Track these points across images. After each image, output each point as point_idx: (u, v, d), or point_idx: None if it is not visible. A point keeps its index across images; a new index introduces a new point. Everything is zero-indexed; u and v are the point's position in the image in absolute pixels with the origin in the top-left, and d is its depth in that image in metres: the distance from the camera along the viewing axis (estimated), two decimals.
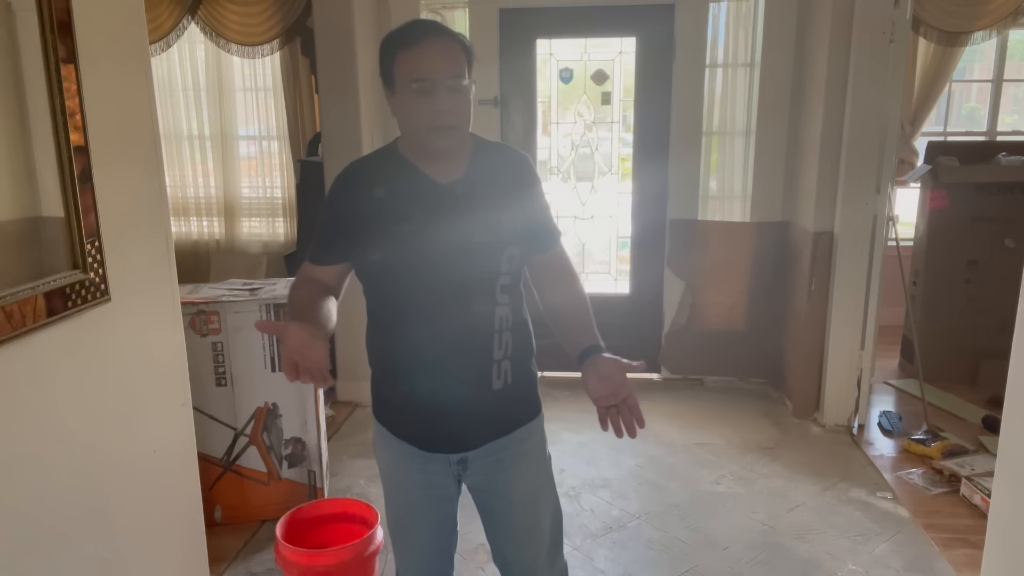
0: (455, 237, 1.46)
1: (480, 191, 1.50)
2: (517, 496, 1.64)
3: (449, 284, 1.46)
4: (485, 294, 1.49)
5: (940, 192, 4.15)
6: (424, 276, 1.45)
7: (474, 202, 1.49)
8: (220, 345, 2.68)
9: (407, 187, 1.47)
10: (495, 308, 1.50)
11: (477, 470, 1.59)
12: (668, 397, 4.04)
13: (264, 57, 4.38)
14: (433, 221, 1.45)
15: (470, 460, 1.58)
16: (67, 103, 1.55)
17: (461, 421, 1.54)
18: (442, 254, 1.45)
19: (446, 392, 1.50)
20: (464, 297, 1.48)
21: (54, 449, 1.56)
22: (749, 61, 3.99)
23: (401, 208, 1.46)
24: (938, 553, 2.63)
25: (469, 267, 1.48)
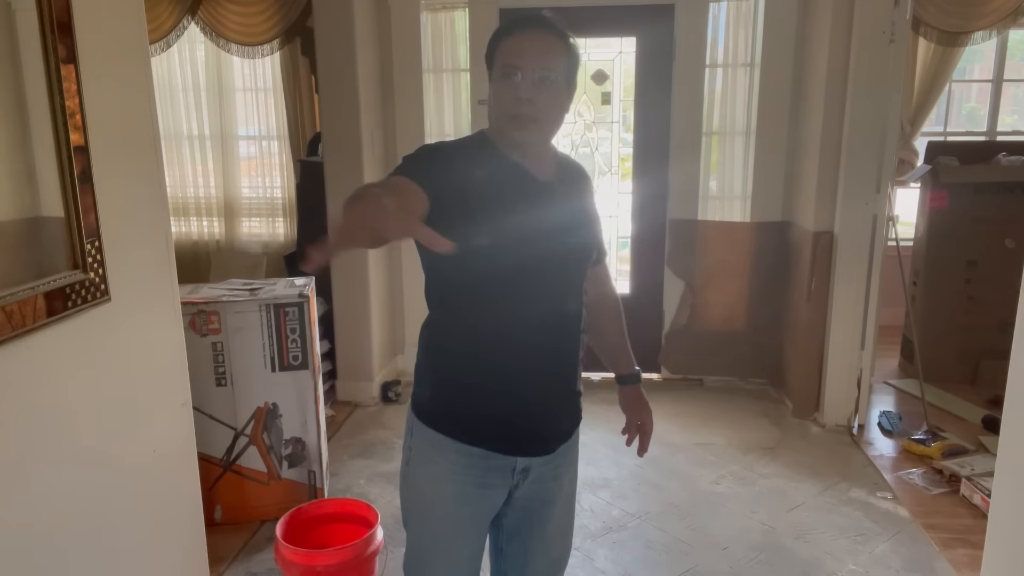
0: (559, 235, 1.46)
1: (571, 194, 1.53)
2: (562, 501, 1.62)
3: (550, 280, 1.46)
4: (576, 293, 1.51)
5: (940, 192, 4.15)
6: (527, 270, 1.41)
7: (570, 204, 1.51)
8: (220, 345, 2.68)
9: (508, 177, 1.42)
10: (581, 308, 1.52)
11: (536, 478, 1.53)
12: (668, 397, 4.04)
13: (264, 57, 4.38)
14: (539, 216, 1.43)
15: (533, 467, 1.51)
16: (67, 103, 1.55)
17: (549, 420, 1.52)
18: (545, 250, 1.43)
19: (541, 390, 1.48)
20: (562, 294, 1.48)
21: (54, 449, 1.56)
22: (749, 61, 3.99)
23: (507, 197, 1.40)
24: (938, 553, 2.63)
25: (567, 266, 1.49)
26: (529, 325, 1.45)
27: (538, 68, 1.36)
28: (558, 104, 1.42)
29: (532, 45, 1.38)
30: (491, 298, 1.42)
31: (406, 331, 4.42)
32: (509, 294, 1.42)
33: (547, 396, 1.50)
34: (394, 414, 3.90)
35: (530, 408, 1.48)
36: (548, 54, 1.38)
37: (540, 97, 1.37)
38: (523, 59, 1.36)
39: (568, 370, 1.52)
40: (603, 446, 3.47)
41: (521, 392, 1.46)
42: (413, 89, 4.10)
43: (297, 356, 2.75)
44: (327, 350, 3.90)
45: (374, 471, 3.27)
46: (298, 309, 2.72)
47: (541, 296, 1.45)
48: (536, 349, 1.46)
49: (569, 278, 1.50)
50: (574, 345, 1.52)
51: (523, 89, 1.37)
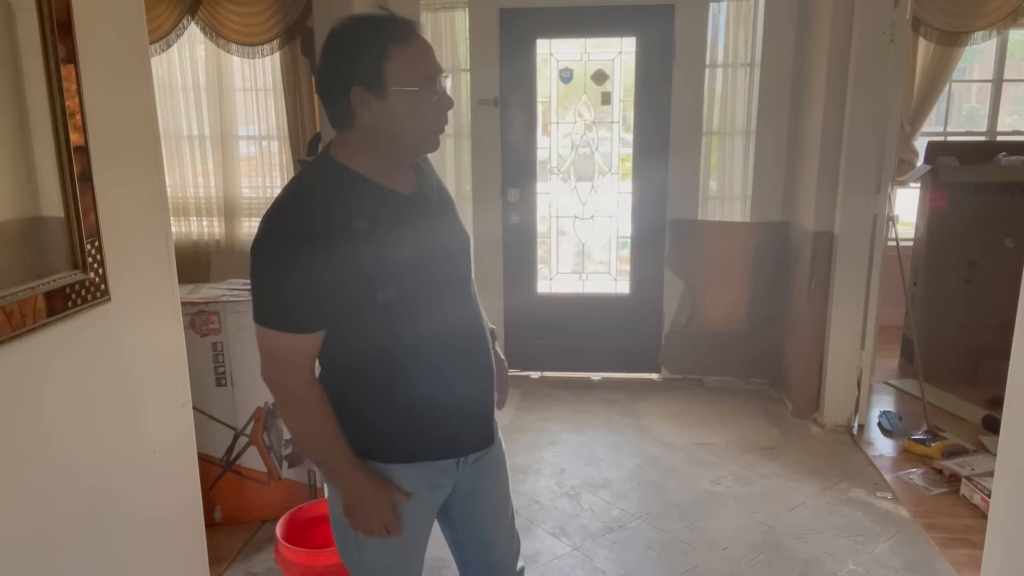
0: (444, 242, 1.44)
1: (432, 195, 1.46)
2: (499, 464, 1.64)
3: (454, 286, 1.46)
4: (471, 283, 1.52)
5: (940, 192, 4.15)
6: (433, 287, 1.40)
7: (439, 206, 1.47)
8: (220, 345, 2.68)
9: (383, 209, 1.33)
10: (474, 295, 1.53)
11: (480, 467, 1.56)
12: (668, 397, 4.04)
13: (264, 57, 4.38)
14: (422, 233, 1.38)
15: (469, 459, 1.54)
16: (67, 103, 1.55)
17: (485, 413, 1.54)
18: (438, 261, 1.42)
19: (474, 387, 1.49)
20: (465, 294, 1.49)
21: (54, 449, 1.56)
22: (749, 61, 3.99)
23: (391, 234, 1.32)
24: (938, 553, 2.63)
25: (461, 266, 1.49)
26: (453, 331, 1.45)
27: (445, 76, 1.32)
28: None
29: (431, 51, 1.31)
30: (411, 327, 1.38)
31: None
32: (425, 316, 1.39)
33: (483, 390, 1.51)
34: None
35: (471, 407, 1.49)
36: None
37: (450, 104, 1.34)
38: (438, 66, 1.29)
39: (486, 358, 1.51)
40: (603, 446, 3.47)
41: (456, 401, 1.45)
42: None
43: None
44: None
45: None
46: None
47: (453, 301, 1.46)
48: (465, 348, 1.47)
49: (465, 274, 1.50)
50: (483, 334, 1.51)
51: (446, 100, 1.31)
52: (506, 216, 4.23)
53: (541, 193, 4.26)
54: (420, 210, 1.40)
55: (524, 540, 2.72)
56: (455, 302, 1.46)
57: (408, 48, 1.26)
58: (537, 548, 2.68)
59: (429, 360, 1.42)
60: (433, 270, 1.40)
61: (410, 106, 1.27)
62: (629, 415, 3.81)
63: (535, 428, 3.68)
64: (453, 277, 1.46)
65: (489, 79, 4.04)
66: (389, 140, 1.31)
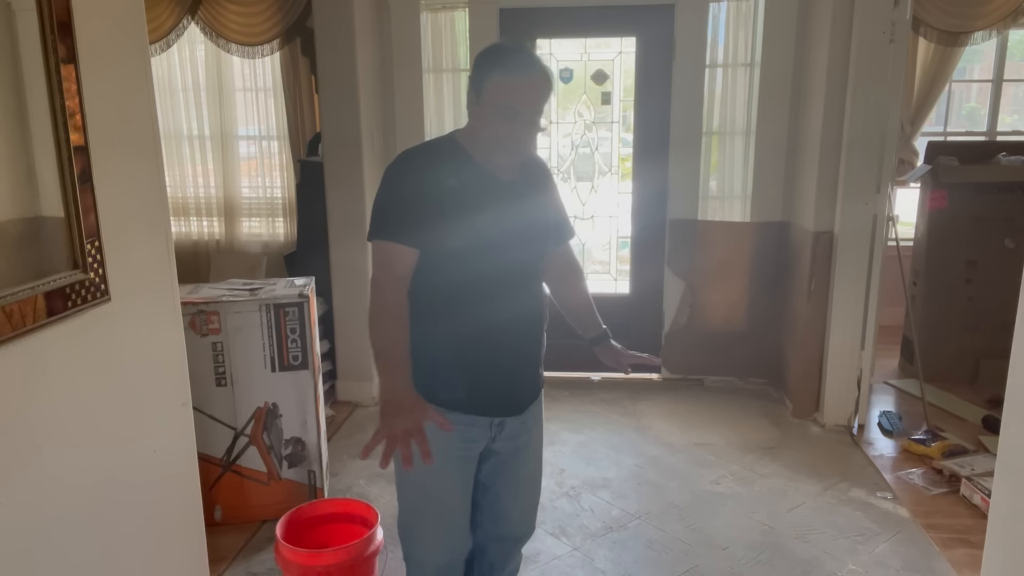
0: (520, 227, 1.73)
1: (531, 189, 1.78)
2: (532, 451, 1.88)
3: (516, 265, 1.74)
4: (537, 273, 1.81)
5: (940, 192, 4.15)
6: (497, 259, 1.69)
7: (529, 199, 1.77)
8: (220, 345, 2.68)
9: (477, 181, 1.68)
10: (541, 286, 1.84)
11: (509, 433, 1.79)
12: (668, 397, 4.04)
13: (264, 57, 4.38)
14: (502, 213, 1.70)
15: (507, 423, 1.78)
16: (67, 103, 1.55)
17: (523, 383, 1.80)
18: (507, 239, 1.70)
19: (515, 358, 1.77)
20: (526, 275, 1.78)
21: (54, 449, 1.56)
22: (749, 61, 3.99)
23: (474, 200, 1.66)
24: (938, 553, 2.63)
25: (530, 252, 1.77)
26: (505, 305, 1.72)
27: (533, 113, 1.63)
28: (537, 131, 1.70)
29: (531, 92, 1.62)
30: (468, 286, 1.69)
31: None
32: (484, 281, 1.70)
33: (523, 362, 1.79)
34: None
35: (508, 375, 1.76)
36: (541, 99, 1.63)
37: (531, 134, 1.67)
38: (524, 104, 1.61)
39: (537, 338, 1.81)
40: (603, 446, 3.47)
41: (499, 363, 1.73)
42: (413, 89, 4.10)
43: (297, 356, 2.75)
44: (327, 350, 3.90)
45: (374, 471, 3.26)
46: (298, 309, 2.72)
47: (510, 278, 1.74)
48: (513, 323, 1.74)
49: (533, 260, 1.78)
50: (541, 316, 1.81)
51: (520, 130, 1.63)
52: None
53: None
54: (506, 195, 1.70)
55: None
56: (512, 279, 1.74)
57: (507, 80, 1.59)
58: (537, 548, 2.68)
59: (474, 320, 1.70)
60: (499, 244, 1.68)
61: (488, 120, 1.63)
62: (629, 415, 3.81)
63: None
64: (517, 258, 1.73)
65: None
66: (473, 132, 1.72)
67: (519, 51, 1.64)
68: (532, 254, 1.78)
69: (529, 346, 1.79)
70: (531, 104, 1.61)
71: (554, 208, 1.86)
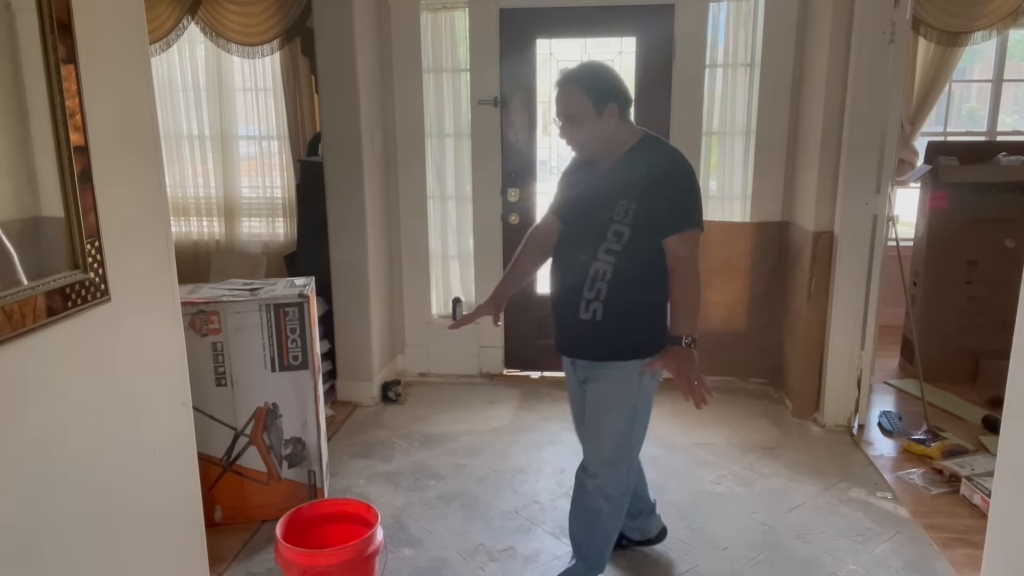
0: (584, 207, 2.18)
1: (615, 179, 2.12)
2: (589, 408, 2.29)
3: (574, 237, 2.20)
4: (590, 249, 2.12)
5: (940, 192, 4.16)
6: (566, 230, 2.24)
7: (607, 186, 2.13)
8: (220, 345, 2.69)
9: (585, 170, 2.24)
10: (594, 262, 2.12)
11: (586, 383, 2.28)
12: (668, 397, 4.02)
13: (264, 57, 4.38)
14: (581, 194, 2.20)
15: (578, 366, 2.29)
16: (67, 103, 1.55)
17: (569, 335, 2.26)
18: (575, 217, 2.21)
19: (562, 311, 2.23)
20: (578, 248, 2.16)
21: (54, 449, 1.56)
22: (749, 61, 3.99)
23: (576, 182, 2.26)
24: (938, 553, 2.63)
25: (585, 229, 2.15)
26: (563, 266, 2.23)
27: (561, 115, 2.13)
28: (593, 128, 2.10)
29: (557, 100, 2.14)
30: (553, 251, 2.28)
31: (406, 331, 4.42)
32: (558, 247, 2.25)
33: (566, 316, 2.22)
34: (394, 414, 3.90)
35: (561, 324, 2.27)
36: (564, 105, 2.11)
37: (571, 136, 2.14)
38: (556, 111, 2.14)
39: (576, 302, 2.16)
40: None
41: (556, 312, 2.27)
42: (413, 89, 4.10)
43: (297, 356, 2.75)
44: (327, 350, 3.90)
45: (374, 471, 3.27)
46: (298, 309, 2.72)
47: (568, 247, 2.21)
48: (561, 281, 2.23)
49: (587, 237, 2.13)
50: (580, 284, 2.14)
51: (561, 133, 2.17)
52: (506, 216, 4.23)
53: (541, 193, 4.26)
54: (596, 180, 2.17)
55: (524, 540, 2.73)
56: (578, 244, 2.16)
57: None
58: (537, 548, 2.68)
59: (552, 272, 2.27)
60: (577, 217, 2.21)
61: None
62: None
63: (535, 428, 3.68)
64: (584, 230, 2.15)
65: (489, 79, 4.04)
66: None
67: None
68: (589, 230, 2.13)
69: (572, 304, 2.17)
70: (558, 111, 2.13)
71: (645, 200, 2.07)
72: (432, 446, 3.51)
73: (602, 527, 2.32)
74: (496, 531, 2.80)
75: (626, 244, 2.07)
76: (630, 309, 2.12)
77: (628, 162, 2.11)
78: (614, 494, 2.29)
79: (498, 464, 3.32)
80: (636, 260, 2.09)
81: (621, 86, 2.12)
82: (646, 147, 2.14)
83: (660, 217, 2.07)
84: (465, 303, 4.45)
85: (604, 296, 2.10)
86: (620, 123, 2.12)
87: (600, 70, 2.13)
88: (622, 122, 2.13)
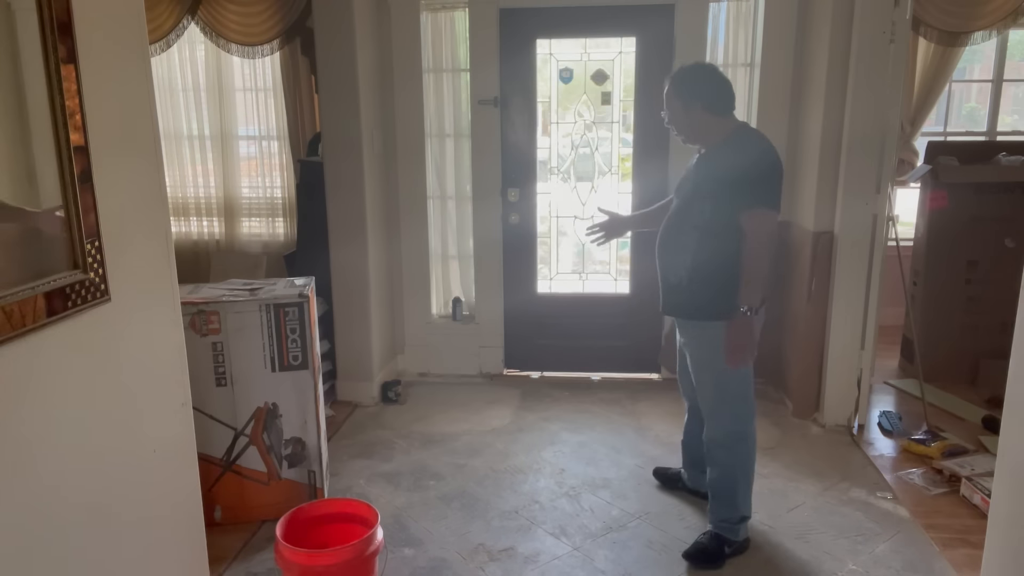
0: (680, 188, 2.65)
1: (705, 164, 2.54)
2: (691, 362, 2.68)
3: (676, 210, 2.60)
4: (682, 224, 2.54)
5: (940, 192, 4.15)
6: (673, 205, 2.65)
7: (699, 170, 2.56)
8: (220, 345, 2.69)
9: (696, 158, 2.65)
10: (682, 235, 2.53)
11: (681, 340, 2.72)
12: (668, 397, 4.03)
13: (264, 57, 4.38)
14: (685, 176, 2.66)
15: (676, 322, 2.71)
16: (67, 103, 1.55)
17: (664, 295, 2.64)
18: (679, 194, 2.63)
19: (661, 271, 2.63)
20: (674, 222, 2.57)
21: (54, 449, 1.56)
22: (749, 61, 3.99)
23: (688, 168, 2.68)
24: (938, 553, 2.63)
25: (679, 207, 2.58)
26: (660, 238, 2.63)
27: (664, 112, 2.60)
28: (684, 122, 2.54)
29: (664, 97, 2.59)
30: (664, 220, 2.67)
31: (406, 331, 4.42)
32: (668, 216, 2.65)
33: (663, 276, 2.63)
34: (394, 414, 3.90)
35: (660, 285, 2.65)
36: (665, 105, 2.58)
37: (674, 126, 2.59)
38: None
39: (669, 267, 2.59)
40: (603, 446, 3.47)
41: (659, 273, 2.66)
42: (413, 89, 4.10)
43: (297, 356, 2.75)
44: (327, 350, 3.90)
45: (374, 471, 3.27)
46: (298, 309, 2.72)
47: (667, 219, 2.62)
48: (659, 251, 2.63)
49: (680, 212, 2.56)
50: (674, 252, 2.56)
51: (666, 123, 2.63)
52: (506, 216, 4.23)
53: (541, 193, 4.26)
54: (695, 166, 2.61)
55: (524, 540, 2.73)
56: (670, 219, 2.60)
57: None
58: (537, 548, 2.68)
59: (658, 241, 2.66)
60: (680, 194, 2.63)
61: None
62: (629, 415, 3.81)
63: (535, 428, 3.68)
64: (677, 206, 2.61)
65: (489, 79, 4.04)
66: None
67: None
68: (681, 208, 2.56)
69: (667, 268, 2.60)
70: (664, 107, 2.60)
71: (725, 182, 2.43)
72: (432, 446, 3.51)
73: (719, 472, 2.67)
74: (496, 531, 2.80)
75: (708, 221, 2.45)
76: (708, 276, 2.48)
77: (718, 151, 2.51)
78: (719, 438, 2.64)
79: (498, 464, 3.33)
80: (716, 234, 2.45)
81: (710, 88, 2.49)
82: (736, 138, 2.50)
83: (733, 197, 2.42)
84: (465, 303, 4.45)
85: (689, 263, 2.50)
86: (711, 118, 2.49)
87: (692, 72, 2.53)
88: (714, 117, 2.49)
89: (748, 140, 2.50)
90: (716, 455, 2.64)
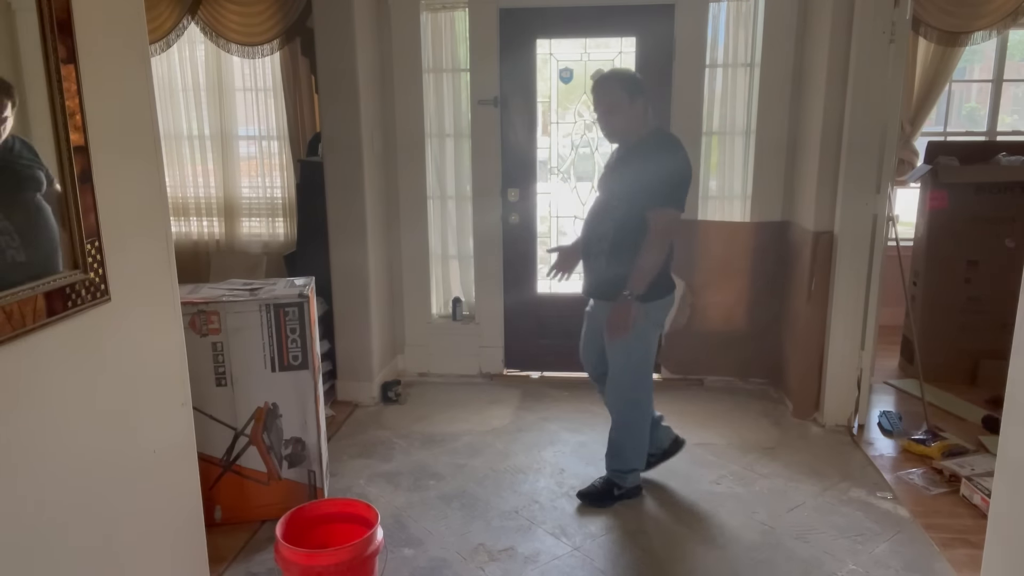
0: (602, 183, 2.92)
1: (627, 162, 2.77)
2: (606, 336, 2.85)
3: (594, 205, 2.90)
4: (604, 216, 2.79)
5: (940, 192, 4.15)
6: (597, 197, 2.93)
7: (620, 167, 2.80)
8: (220, 345, 2.69)
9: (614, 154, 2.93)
10: (599, 226, 2.80)
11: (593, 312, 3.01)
12: (668, 397, 4.03)
13: (264, 57, 4.38)
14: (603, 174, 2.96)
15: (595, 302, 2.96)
16: (67, 103, 1.55)
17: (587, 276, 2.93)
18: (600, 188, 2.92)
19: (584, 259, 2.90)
20: (597, 213, 2.85)
21: (54, 449, 1.56)
22: (749, 61, 3.99)
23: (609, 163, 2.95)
24: (938, 553, 2.63)
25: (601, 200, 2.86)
26: (584, 234, 2.89)
27: (596, 110, 2.78)
28: (626, 115, 2.71)
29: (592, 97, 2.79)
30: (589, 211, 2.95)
31: (406, 331, 4.42)
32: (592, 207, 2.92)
33: (585, 266, 2.91)
34: (394, 414, 3.90)
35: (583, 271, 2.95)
36: (598, 103, 2.75)
37: (604, 125, 2.79)
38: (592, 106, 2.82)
39: (591, 256, 2.84)
40: (603, 446, 3.46)
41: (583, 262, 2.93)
42: (413, 89, 4.10)
43: (297, 356, 2.75)
44: (327, 350, 3.90)
45: (374, 471, 3.27)
46: (298, 309, 2.72)
47: (589, 212, 2.90)
48: (583, 241, 2.89)
49: (602, 204, 2.84)
50: (596, 243, 2.80)
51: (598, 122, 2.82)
52: (506, 216, 4.23)
53: (541, 193, 4.26)
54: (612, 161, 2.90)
55: (524, 540, 2.73)
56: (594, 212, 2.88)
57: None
58: (537, 548, 2.68)
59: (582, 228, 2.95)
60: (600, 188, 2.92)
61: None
62: None
63: (535, 428, 3.68)
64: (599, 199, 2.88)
65: (489, 79, 4.04)
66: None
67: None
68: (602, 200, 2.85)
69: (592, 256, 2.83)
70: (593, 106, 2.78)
71: (632, 179, 2.70)
72: (432, 446, 3.51)
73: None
74: (496, 531, 2.80)
75: (621, 217, 2.71)
76: (619, 260, 2.71)
77: (640, 151, 2.71)
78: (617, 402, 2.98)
79: (498, 464, 3.33)
80: (625, 227, 2.70)
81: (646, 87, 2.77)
82: (655, 140, 2.72)
83: (638, 193, 2.67)
84: (465, 303, 4.45)
85: (605, 249, 2.75)
86: (643, 114, 2.71)
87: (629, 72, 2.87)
88: (644, 114, 2.72)
89: (669, 143, 2.74)
90: (614, 415, 2.98)
